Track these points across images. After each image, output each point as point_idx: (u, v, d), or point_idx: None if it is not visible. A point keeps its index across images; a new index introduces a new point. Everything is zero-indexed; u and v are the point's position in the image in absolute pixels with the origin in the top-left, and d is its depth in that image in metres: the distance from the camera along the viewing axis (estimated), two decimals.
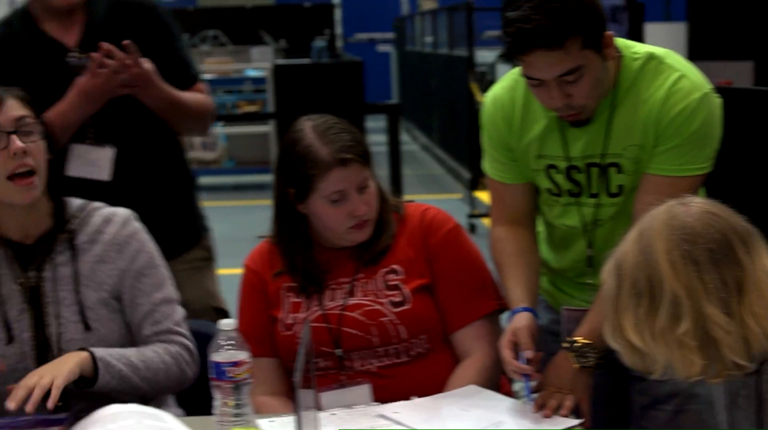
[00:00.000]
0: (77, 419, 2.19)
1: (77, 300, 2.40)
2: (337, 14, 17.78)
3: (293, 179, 2.47)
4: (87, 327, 2.39)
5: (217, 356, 2.11)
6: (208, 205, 2.80)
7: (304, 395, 1.88)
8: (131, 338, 2.47)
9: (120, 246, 2.46)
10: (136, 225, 2.51)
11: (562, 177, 2.48)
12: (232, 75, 12.07)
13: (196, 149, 10.94)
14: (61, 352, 2.37)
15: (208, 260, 3.32)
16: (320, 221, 2.49)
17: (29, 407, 2.16)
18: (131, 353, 2.38)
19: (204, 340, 2.63)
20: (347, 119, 2.56)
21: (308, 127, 2.49)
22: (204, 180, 9.68)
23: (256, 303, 2.56)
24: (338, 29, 17.41)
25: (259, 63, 12.14)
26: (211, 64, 12.68)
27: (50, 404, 2.17)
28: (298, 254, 2.52)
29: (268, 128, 10.64)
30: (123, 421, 2.13)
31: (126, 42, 2.89)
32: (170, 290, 2.51)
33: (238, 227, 8.78)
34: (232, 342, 2.12)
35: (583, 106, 2.32)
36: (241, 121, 11.52)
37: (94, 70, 2.87)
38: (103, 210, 2.49)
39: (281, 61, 11.97)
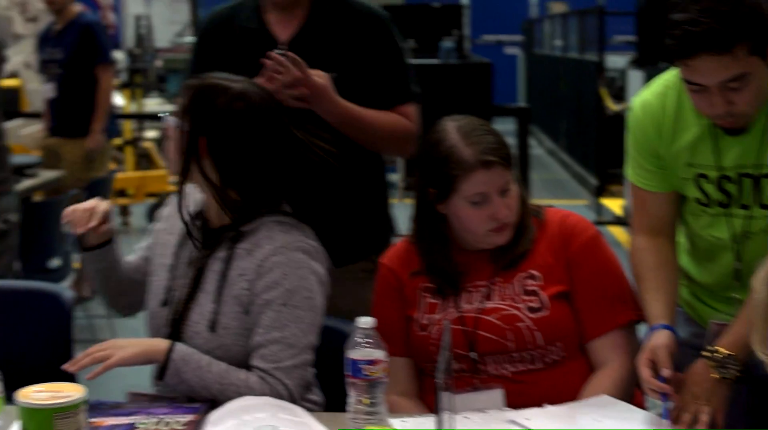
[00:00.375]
0: (211, 408, 2.22)
1: (215, 300, 2.39)
2: (466, 15, 17.72)
3: (435, 179, 2.45)
4: (212, 328, 2.38)
5: (354, 354, 2.11)
6: None
7: (443, 397, 1.87)
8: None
9: (261, 269, 2.36)
10: (294, 256, 2.36)
11: (712, 187, 2.42)
12: None
13: None
14: (182, 337, 2.40)
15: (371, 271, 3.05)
16: (460, 223, 2.47)
17: (88, 376, 2.24)
18: (217, 368, 2.32)
19: (340, 337, 2.65)
20: None
21: (452, 127, 2.47)
22: None
23: (392, 302, 2.56)
24: (466, 30, 17.36)
25: None
26: None
27: (67, 367, 2.28)
28: (436, 254, 2.51)
29: None
30: (257, 413, 2.16)
31: (292, 55, 2.78)
32: (295, 334, 2.33)
33: None
34: (369, 340, 2.12)
35: (742, 114, 2.26)
36: None
37: (269, 75, 2.75)
38: (274, 228, 2.40)
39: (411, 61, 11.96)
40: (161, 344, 2.34)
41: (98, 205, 2.49)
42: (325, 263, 2.43)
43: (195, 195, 2.52)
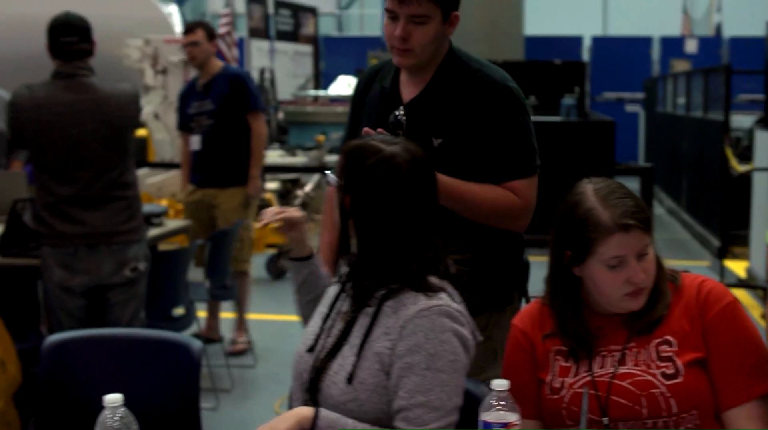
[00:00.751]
0: None
1: (357, 353, 2.39)
2: (587, 72, 17.65)
3: (571, 242, 2.43)
4: (349, 381, 2.37)
5: (488, 416, 2.09)
6: None
7: None
8: (387, 417, 2.38)
9: (404, 331, 2.34)
10: (437, 320, 2.33)
11: None
12: None
13: None
14: (320, 385, 2.41)
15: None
16: (595, 286, 2.44)
17: None
18: None
19: (471, 398, 2.64)
20: None
21: (590, 190, 2.45)
22: None
23: (524, 364, 2.53)
24: (587, 87, 17.28)
25: None
26: None
27: None
28: (569, 316, 2.48)
29: None
30: None
31: (366, 129, 2.79)
32: (440, 397, 2.29)
33: None
34: (503, 403, 2.10)
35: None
36: None
37: None
38: (420, 301, 2.37)
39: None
40: (307, 412, 2.32)
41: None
42: (469, 326, 2.41)
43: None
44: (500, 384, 2.12)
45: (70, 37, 4.59)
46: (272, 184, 11.01)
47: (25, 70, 5.40)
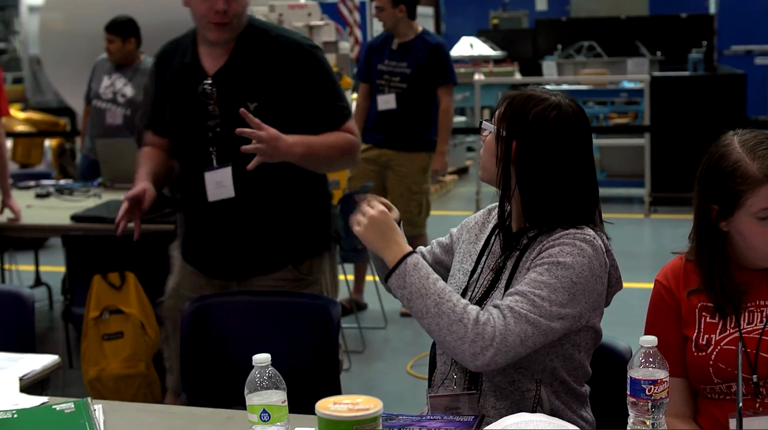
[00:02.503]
0: (482, 424, 2.21)
1: (503, 291, 2.39)
2: (714, 25, 17.21)
3: (718, 195, 2.37)
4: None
5: (636, 373, 2.05)
6: None
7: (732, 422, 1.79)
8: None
9: (544, 247, 2.37)
10: (580, 245, 2.33)
11: None
12: (607, 86, 11.93)
13: None
14: None
15: (298, 280, 3.55)
16: (744, 240, 2.37)
17: None
18: (441, 285, 2.31)
19: (613, 355, 2.61)
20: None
21: (736, 141, 2.38)
22: None
23: (668, 321, 2.48)
24: (715, 41, 16.84)
25: (635, 74, 11.94)
26: (586, 75, 12.63)
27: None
28: (716, 272, 2.41)
29: (641, 141, 10.43)
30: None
31: (242, 110, 3.13)
32: (542, 297, 2.27)
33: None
34: (651, 359, 2.06)
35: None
36: (613, 133, 11.37)
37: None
38: (570, 228, 2.39)
39: (658, 73, 11.72)
40: (403, 247, 2.38)
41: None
42: (607, 267, 2.39)
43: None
44: (648, 340, 2.07)
45: None
46: None
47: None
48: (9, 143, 9.33)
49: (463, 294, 2.50)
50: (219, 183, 3.40)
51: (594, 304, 2.38)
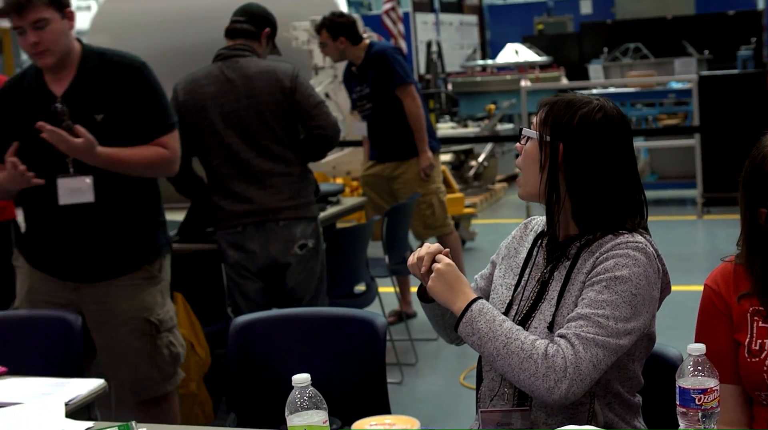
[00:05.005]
0: None
1: (556, 304, 2.36)
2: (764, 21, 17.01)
3: (763, 198, 2.30)
4: (550, 329, 2.34)
5: (685, 382, 2.00)
6: None
7: None
8: None
9: (598, 260, 2.32)
10: (633, 254, 2.30)
11: None
12: (655, 87, 11.81)
13: None
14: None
15: (151, 278, 3.93)
16: None
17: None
18: (509, 325, 2.30)
19: (663, 362, 2.55)
20: None
21: None
22: None
23: (719, 326, 2.42)
24: (765, 37, 16.64)
25: (682, 75, 11.82)
26: (633, 77, 12.52)
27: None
28: (766, 276, 2.35)
29: (692, 142, 10.31)
30: None
31: (77, 127, 3.63)
32: (607, 316, 2.24)
33: (662, 243, 8.58)
34: (700, 368, 2.00)
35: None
36: (663, 134, 11.26)
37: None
38: (620, 234, 2.36)
39: (706, 73, 11.58)
40: (469, 295, 2.37)
41: (430, 249, 2.47)
42: (660, 273, 2.36)
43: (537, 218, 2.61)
44: (697, 349, 2.02)
45: (238, 17, 4.76)
46: (445, 157, 10.98)
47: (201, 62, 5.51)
48: None
49: (509, 308, 2.46)
50: (75, 189, 3.77)
51: (653, 311, 2.35)
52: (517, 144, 2.51)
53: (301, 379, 2.02)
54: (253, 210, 4.62)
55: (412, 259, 2.45)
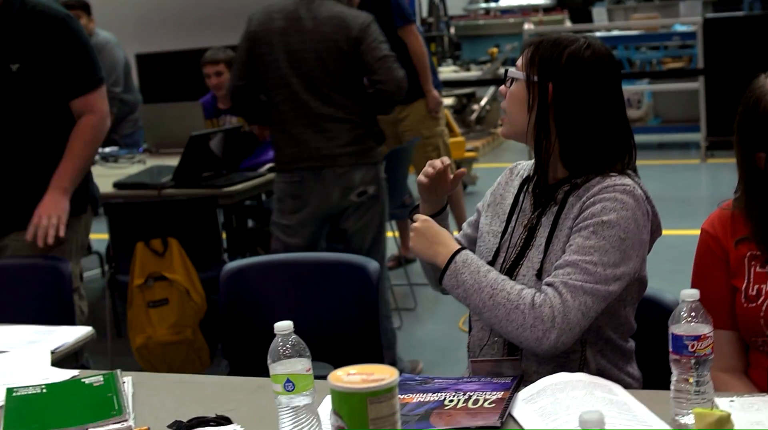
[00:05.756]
0: (520, 385, 2.13)
1: (543, 250, 2.32)
2: None
3: (760, 141, 2.24)
4: (538, 276, 2.30)
5: (678, 329, 1.95)
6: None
7: None
8: None
9: (585, 205, 2.27)
10: (621, 197, 2.25)
11: None
12: (659, 30, 11.70)
13: None
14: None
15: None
16: None
17: None
18: (494, 275, 2.26)
19: (654, 307, 2.51)
20: None
21: None
22: None
23: (716, 272, 2.36)
24: None
25: (687, 17, 11.70)
26: (637, 20, 12.40)
27: None
28: (765, 220, 2.29)
29: (696, 85, 10.21)
30: (572, 391, 2.05)
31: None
32: (595, 262, 2.20)
33: (665, 187, 8.53)
34: (694, 314, 1.95)
35: None
36: (667, 77, 11.16)
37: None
38: (608, 175, 2.31)
39: (711, 15, 11.46)
40: (451, 247, 2.34)
41: (443, 161, 2.46)
42: (649, 216, 2.31)
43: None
44: (690, 294, 1.96)
45: None
46: (448, 100, 10.90)
47: None
48: None
49: (496, 255, 2.43)
50: None
51: (643, 255, 2.30)
52: (502, 87, 2.45)
53: (283, 326, 1.97)
54: (309, 155, 4.53)
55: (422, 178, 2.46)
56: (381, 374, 1.50)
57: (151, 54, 8.67)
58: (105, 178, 5.32)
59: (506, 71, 2.42)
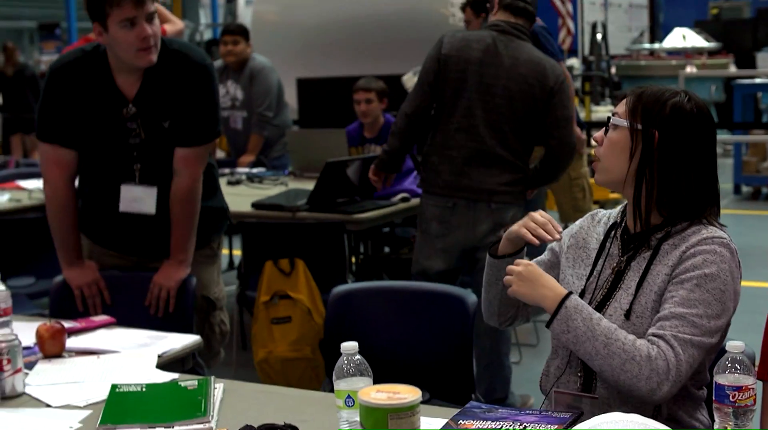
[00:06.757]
0: (577, 421, 2.22)
1: (634, 292, 2.40)
2: None
3: None
4: (627, 316, 2.38)
5: (722, 379, 2.03)
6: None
7: None
8: None
9: (684, 255, 2.36)
10: (719, 250, 2.34)
11: None
12: None
13: None
14: None
15: (212, 257, 3.94)
16: None
17: None
18: (606, 324, 2.32)
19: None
20: None
21: None
22: None
23: None
24: None
25: None
26: None
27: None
28: None
29: None
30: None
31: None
32: (701, 315, 2.28)
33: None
34: (738, 366, 2.04)
35: None
36: None
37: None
38: (702, 226, 2.40)
39: None
40: (559, 292, 2.41)
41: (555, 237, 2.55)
42: (740, 268, 2.39)
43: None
44: (735, 346, 2.04)
45: None
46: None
47: None
48: None
49: (581, 296, 2.50)
50: (137, 198, 3.65)
51: (736, 306, 2.38)
52: (598, 133, 2.53)
53: (349, 347, 2.14)
54: (469, 186, 4.55)
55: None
56: (405, 394, 1.65)
57: (311, 79, 8.87)
58: (246, 197, 5.59)
59: (608, 118, 2.49)
